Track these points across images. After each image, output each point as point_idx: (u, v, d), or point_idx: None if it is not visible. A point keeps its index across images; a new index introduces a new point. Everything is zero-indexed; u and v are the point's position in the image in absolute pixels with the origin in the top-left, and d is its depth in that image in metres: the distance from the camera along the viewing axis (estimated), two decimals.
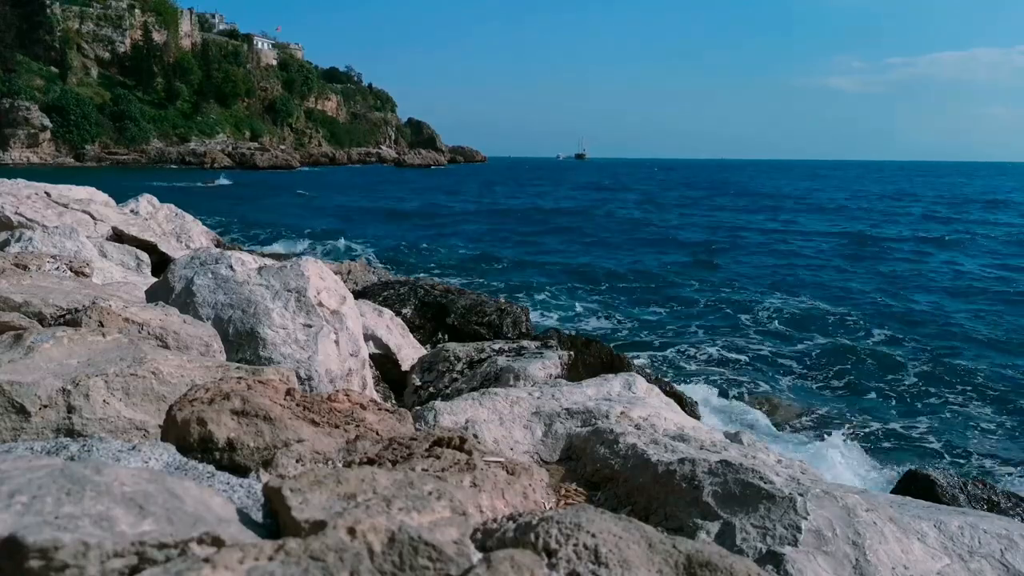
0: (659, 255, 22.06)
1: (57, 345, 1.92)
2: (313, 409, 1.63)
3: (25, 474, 0.94)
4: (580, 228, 29.31)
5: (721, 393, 9.10)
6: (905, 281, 18.22)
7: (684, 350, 11.39)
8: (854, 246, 24.86)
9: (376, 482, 1.10)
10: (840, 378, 10.20)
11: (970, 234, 29.01)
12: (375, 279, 8.80)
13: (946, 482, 4.01)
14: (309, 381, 3.04)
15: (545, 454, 2.68)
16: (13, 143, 71.04)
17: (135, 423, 1.75)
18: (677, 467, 2.18)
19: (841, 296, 15.99)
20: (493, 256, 21.10)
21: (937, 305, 15.46)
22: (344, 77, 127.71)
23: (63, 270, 3.42)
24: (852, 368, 10.58)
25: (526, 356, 4.36)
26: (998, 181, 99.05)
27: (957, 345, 11.94)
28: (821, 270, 19.96)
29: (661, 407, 3.13)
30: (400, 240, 23.85)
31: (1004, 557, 2.01)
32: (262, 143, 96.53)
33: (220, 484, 1.28)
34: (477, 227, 29.20)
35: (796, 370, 10.53)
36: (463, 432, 1.61)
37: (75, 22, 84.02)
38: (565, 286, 16.66)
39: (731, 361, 10.89)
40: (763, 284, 17.45)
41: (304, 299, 3.24)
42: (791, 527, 1.91)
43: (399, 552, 0.93)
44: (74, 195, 6.36)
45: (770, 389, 9.59)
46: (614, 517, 1.10)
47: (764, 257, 22.35)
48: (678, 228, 30.27)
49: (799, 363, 10.84)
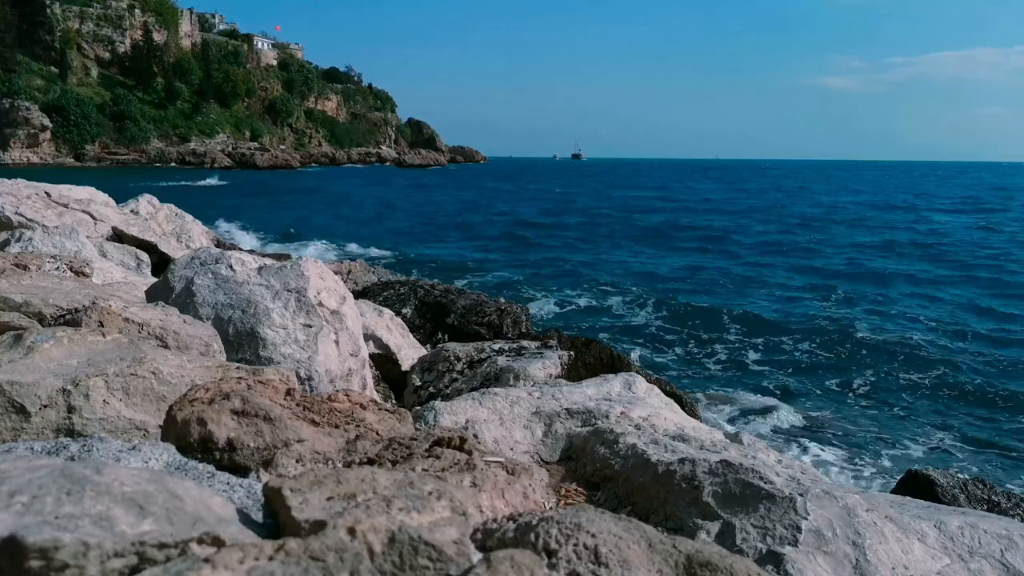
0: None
1: (57, 345, 1.92)
2: (313, 409, 1.63)
3: (25, 474, 0.94)
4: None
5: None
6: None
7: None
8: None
9: (376, 482, 1.10)
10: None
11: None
12: (375, 279, 8.80)
13: (946, 482, 4.01)
14: (309, 381, 3.04)
15: (545, 454, 2.68)
16: (13, 143, 71.04)
17: (135, 423, 1.75)
18: (677, 467, 2.18)
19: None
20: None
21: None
22: (344, 77, 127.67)
23: (63, 270, 3.42)
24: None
25: (526, 356, 4.36)
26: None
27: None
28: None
29: (661, 407, 3.13)
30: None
31: (1004, 557, 2.01)
32: (262, 143, 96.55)
33: (220, 484, 1.28)
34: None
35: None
36: (463, 432, 1.60)
37: (75, 22, 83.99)
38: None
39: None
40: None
41: (304, 299, 3.24)
42: (791, 527, 1.91)
43: (399, 552, 0.92)
44: (74, 195, 6.36)
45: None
46: (614, 517, 1.10)
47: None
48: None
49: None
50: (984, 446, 7.97)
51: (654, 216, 35.92)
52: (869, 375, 10.25)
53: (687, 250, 23.85)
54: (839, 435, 8.02)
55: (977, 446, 7.96)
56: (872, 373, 10.33)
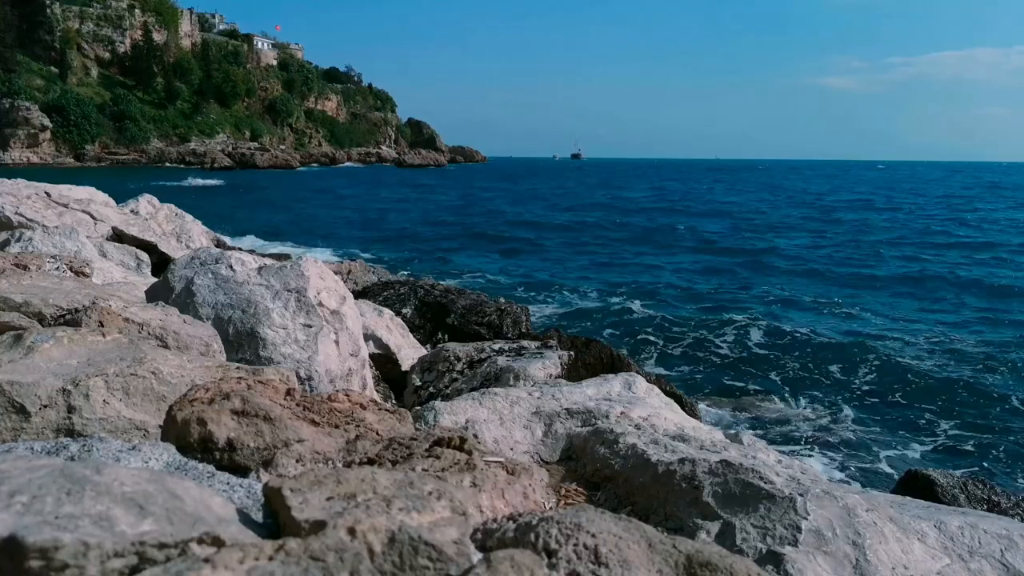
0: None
1: (57, 345, 1.92)
2: (313, 409, 1.63)
3: (25, 474, 0.94)
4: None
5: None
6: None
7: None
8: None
9: (376, 482, 1.10)
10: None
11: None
12: (375, 279, 8.80)
13: (946, 482, 4.01)
14: (309, 381, 3.04)
15: (545, 454, 2.68)
16: (13, 143, 71.04)
17: (135, 423, 1.75)
18: (677, 467, 2.18)
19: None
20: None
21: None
22: (344, 77, 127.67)
23: (63, 270, 3.42)
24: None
25: (526, 356, 4.36)
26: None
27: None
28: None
29: (661, 407, 3.13)
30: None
31: (1004, 557, 2.01)
32: (262, 143, 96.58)
33: (220, 484, 1.28)
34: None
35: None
36: (463, 432, 1.60)
37: (75, 22, 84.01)
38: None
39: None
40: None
41: (304, 299, 3.24)
42: (791, 527, 1.91)
43: (399, 552, 0.92)
44: (74, 195, 6.35)
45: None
46: (614, 517, 1.10)
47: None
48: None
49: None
50: (984, 446, 7.97)
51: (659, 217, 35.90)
52: (869, 375, 10.25)
53: (687, 250, 23.86)
54: (839, 435, 8.02)
55: (977, 446, 7.97)
56: (872, 373, 10.33)
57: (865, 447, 7.77)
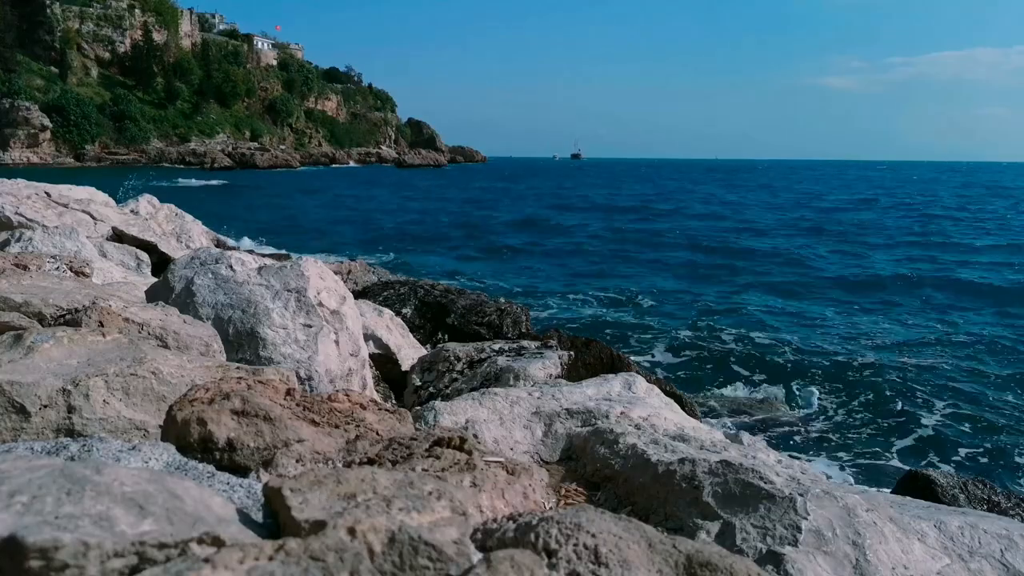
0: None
1: (57, 345, 1.92)
2: (313, 409, 1.63)
3: (25, 474, 0.94)
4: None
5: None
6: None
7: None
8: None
9: (376, 482, 1.10)
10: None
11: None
12: (375, 279, 8.80)
13: (946, 482, 4.00)
14: (309, 381, 3.04)
15: (545, 454, 2.68)
16: (13, 143, 71.05)
17: (135, 423, 1.75)
18: (677, 467, 2.18)
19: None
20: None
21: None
22: (344, 77, 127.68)
23: (63, 270, 3.42)
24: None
25: (526, 356, 4.36)
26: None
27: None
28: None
29: (661, 407, 3.13)
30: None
31: (1004, 557, 2.01)
32: (262, 143, 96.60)
33: (220, 484, 1.28)
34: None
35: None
36: (463, 432, 1.60)
37: (75, 22, 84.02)
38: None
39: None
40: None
41: (304, 299, 3.24)
42: (791, 527, 1.91)
43: (399, 552, 0.92)
44: (74, 195, 6.35)
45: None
46: (614, 517, 1.10)
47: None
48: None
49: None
50: (984, 446, 7.97)
51: (659, 217, 35.90)
52: (869, 375, 10.25)
53: (687, 250, 23.86)
54: (839, 435, 8.03)
55: (977, 446, 7.97)
56: (872, 373, 10.33)
57: (865, 447, 7.77)
